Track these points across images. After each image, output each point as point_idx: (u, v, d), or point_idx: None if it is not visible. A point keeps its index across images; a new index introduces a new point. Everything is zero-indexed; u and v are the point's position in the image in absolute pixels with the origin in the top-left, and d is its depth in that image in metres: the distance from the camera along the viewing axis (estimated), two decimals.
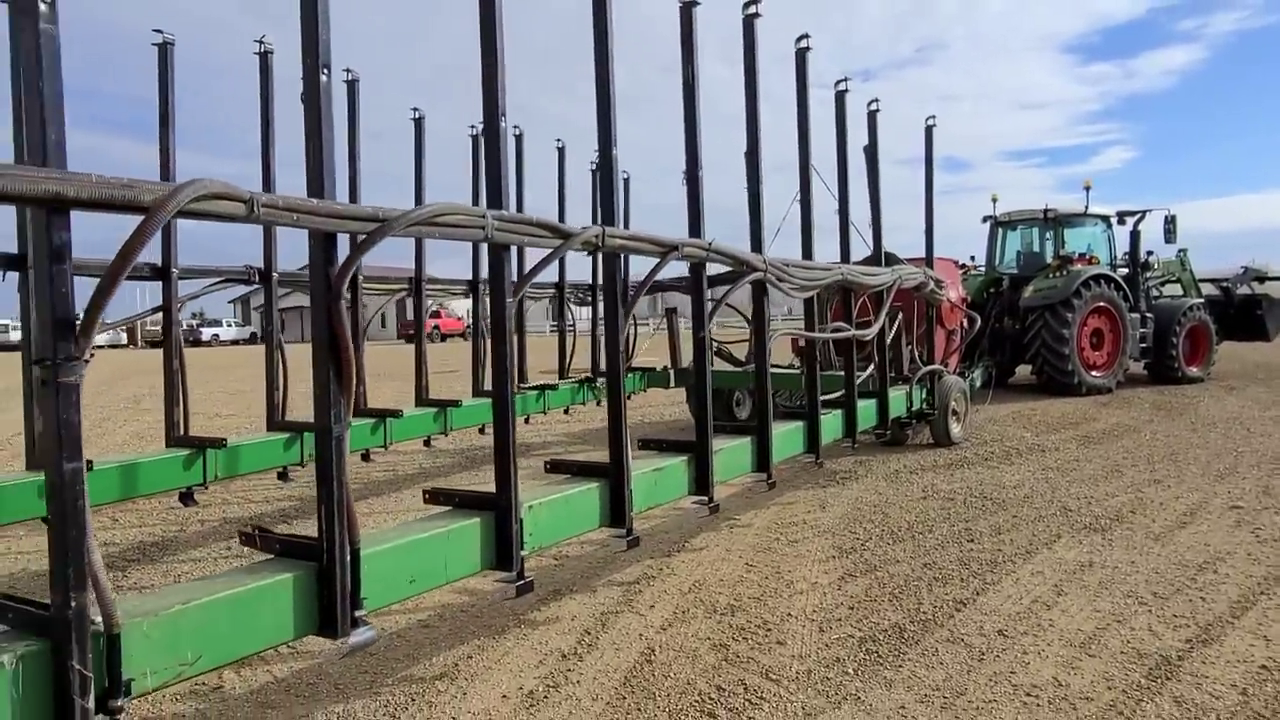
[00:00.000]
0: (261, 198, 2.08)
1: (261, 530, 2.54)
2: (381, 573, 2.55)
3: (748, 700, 3.17)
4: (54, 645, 1.83)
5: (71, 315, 1.82)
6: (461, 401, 6.87)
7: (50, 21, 1.79)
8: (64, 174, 1.76)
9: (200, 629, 2.13)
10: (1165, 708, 3.02)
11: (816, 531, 5.48)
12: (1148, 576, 4.43)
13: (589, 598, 4.35)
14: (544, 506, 3.23)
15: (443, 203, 2.56)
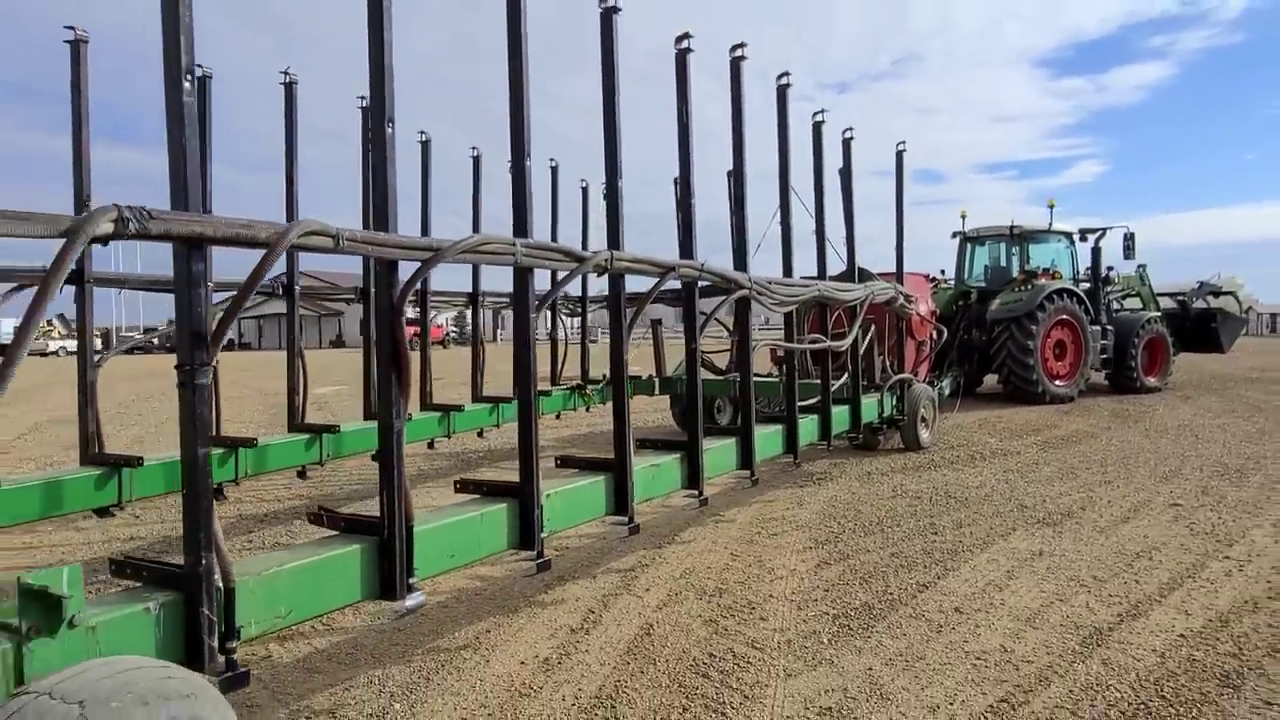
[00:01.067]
0: (345, 233, 2.53)
1: (327, 511, 2.99)
2: (429, 547, 3.00)
3: (736, 664, 3.64)
4: (186, 597, 2.27)
5: (205, 329, 2.26)
6: (464, 406, 7.28)
7: (190, 95, 2.24)
8: (204, 217, 2.21)
9: (290, 589, 2.57)
10: (1094, 668, 3.53)
11: (795, 526, 5.97)
12: (1090, 563, 4.95)
13: (590, 583, 4.80)
14: (559, 496, 3.70)
15: (483, 234, 3.03)
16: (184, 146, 2.22)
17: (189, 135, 2.23)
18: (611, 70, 3.91)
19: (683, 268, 4.23)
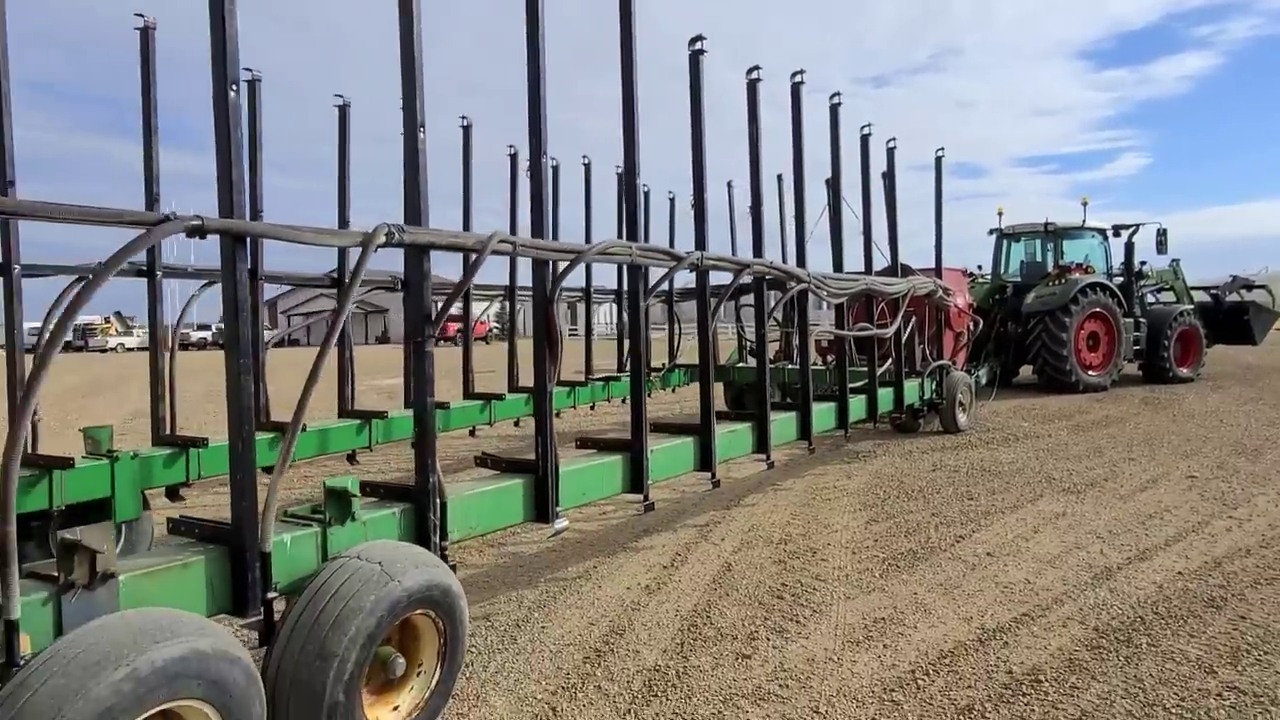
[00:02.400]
0: (519, 240, 3.38)
1: (490, 455, 3.85)
2: (569, 485, 3.85)
3: (804, 590, 4.44)
4: (417, 508, 3.13)
5: (429, 310, 3.11)
6: (504, 395, 7.71)
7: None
8: (433, 230, 3.06)
9: (479, 508, 3.43)
10: (1102, 594, 4.28)
11: (845, 493, 6.75)
12: (1107, 522, 5.68)
13: (672, 534, 5.63)
14: (659, 452, 4.52)
15: (610, 240, 3.87)
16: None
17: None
18: (699, 105, 4.72)
19: (756, 265, 5.04)
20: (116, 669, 1.98)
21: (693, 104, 4.72)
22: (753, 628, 3.94)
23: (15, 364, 4.07)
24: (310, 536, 2.78)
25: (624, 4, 4.15)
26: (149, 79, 4.90)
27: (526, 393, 7.73)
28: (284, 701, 2.43)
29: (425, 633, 2.87)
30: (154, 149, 4.89)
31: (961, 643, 3.71)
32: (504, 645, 3.78)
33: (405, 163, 3.10)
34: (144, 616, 2.18)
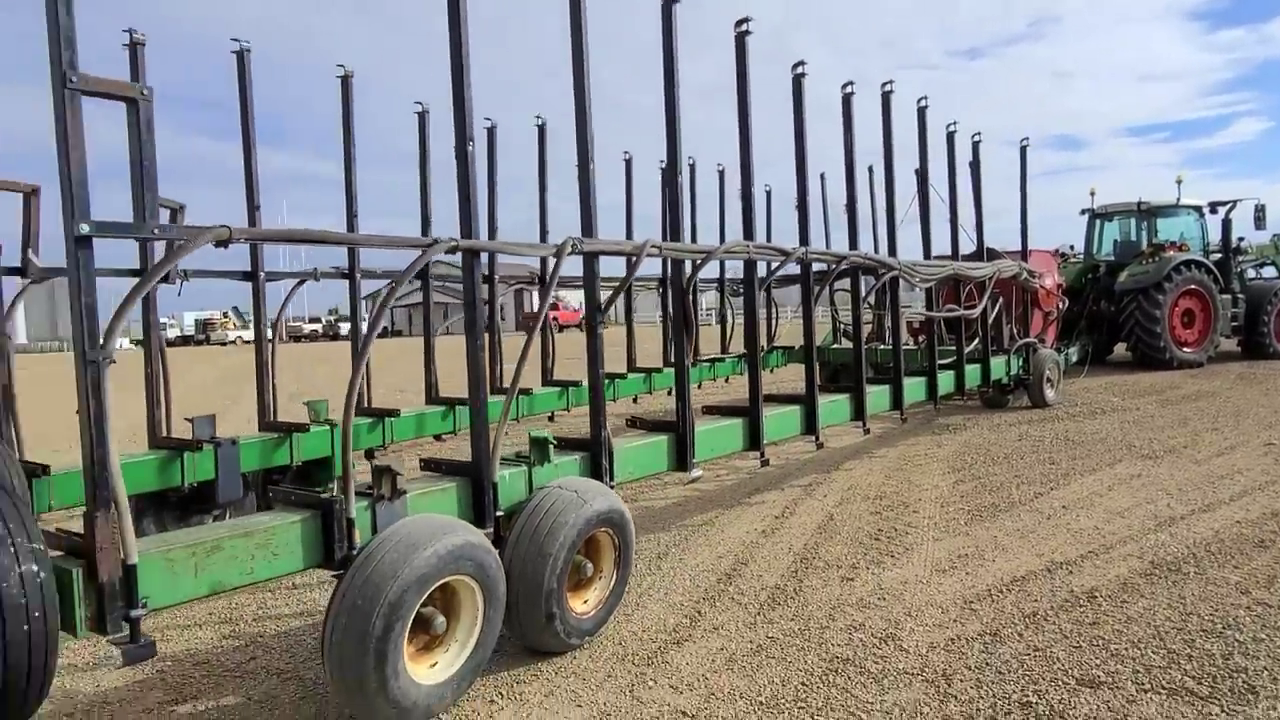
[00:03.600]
0: (664, 245, 4.26)
1: (639, 418, 4.76)
2: (702, 442, 4.72)
3: (897, 534, 5.23)
4: (593, 455, 4.06)
5: (599, 301, 4.02)
6: (581, 382, 8.06)
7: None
8: (600, 240, 3.96)
9: (634, 458, 4.34)
10: (1162, 537, 4.93)
11: (934, 460, 7.46)
12: (1179, 482, 6.25)
13: (780, 493, 6.46)
14: (773, 418, 5.36)
15: (732, 241, 4.72)
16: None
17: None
18: (801, 128, 5.51)
19: (852, 256, 5.82)
20: (426, 549, 2.95)
21: (796, 125, 5.51)
22: (854, 560, 4.76)
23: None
24: (521, 473, 3.73)
25: (739, 38, 4.97)
26: (246, 97, 5.60)
27: (644, 372, 8.67)
28: (515, 585, 3.38)
29: (605, 547, 3.80)
30: (253, 162, 5.59)
31: (1032, 571, 4.45)
32: (651, 571, 4.70)
33: (580, 190, 4.01)
34: (432, 519, 3.15)
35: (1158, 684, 3.15)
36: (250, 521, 3.01)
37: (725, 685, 3.29)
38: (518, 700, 3.25)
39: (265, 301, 5.60)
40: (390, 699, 2.86)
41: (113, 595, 2.46)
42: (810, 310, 5.60)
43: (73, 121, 2.34)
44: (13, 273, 4.35)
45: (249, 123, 5.42)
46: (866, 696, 3.16)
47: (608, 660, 3.57)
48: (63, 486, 4.39)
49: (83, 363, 2.39)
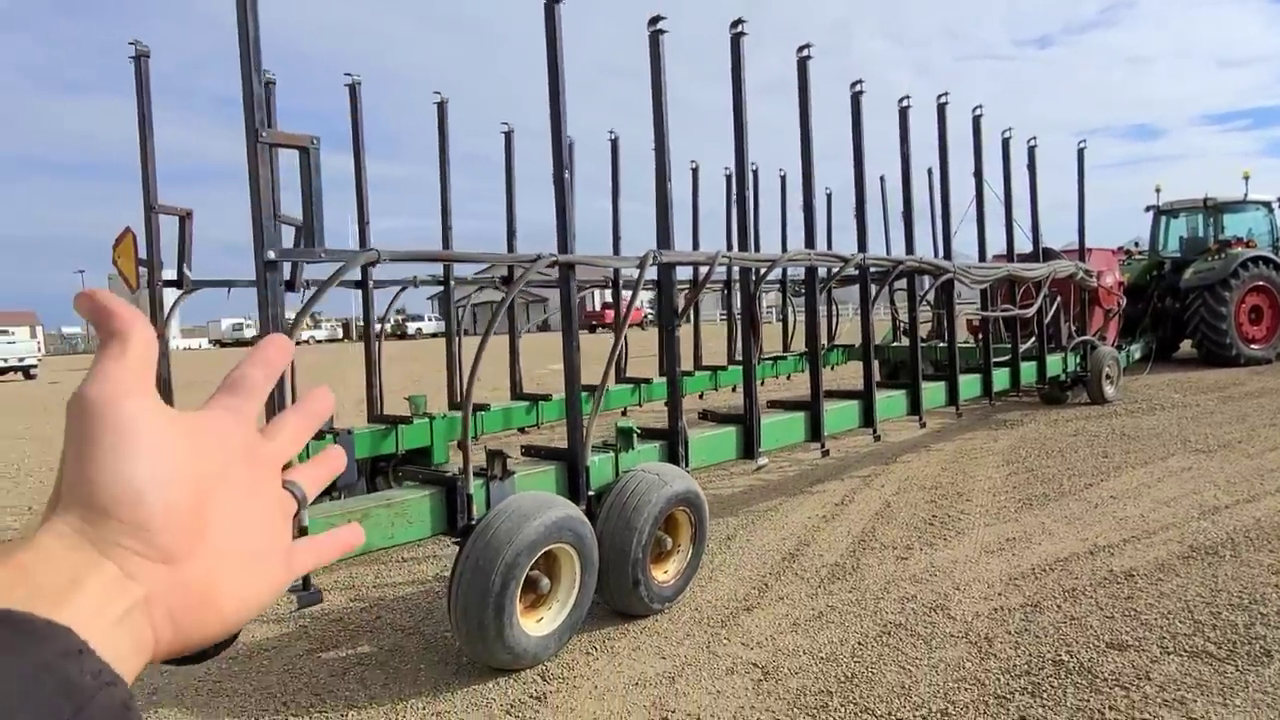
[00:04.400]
0: (734, 255, 4.73)
1: (710, 411, 5.24)
2: (767, 433, 5.19)
3: (950, 520, 5.62)
4: (670, 443, 4.56)
5: (675, 305, 4.52)
6: (652, 379, 8.57)
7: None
8: (677, 252, 4.46)
9: (706, 446, 4.82)
10: (1204, 525, 5.24)
11: (990, 453, 7.78)
12: (1229, 475, 6.50)
13: (839, 483, 6.88)
14: (833, 412, 5.79)
15: (795, 250, 5.17)
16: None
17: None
18: (859, 143, 5.92)
19: (908, 261, 6.21)
20: (536, 519, 3.48)
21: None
22: (909, 542, 5.18)
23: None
24: (609, 458, 4.25)
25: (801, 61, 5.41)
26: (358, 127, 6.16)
27: (710, 370, 9.15)
28: (606, 554, 3.90)
29: (682, 524, 4.30)
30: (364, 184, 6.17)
31: (1075, 553, 4.82)
32: (721, 550, 5.18)
33: (657, 208, 4.51)
34: (537, 496, 3.69)
35: (1181, 648, 3.53)
36: (390, 495, 3.58)
37: (790, 644, 3.76)
38: (610, 653, 3.77)
39: (374, 307, 6.25)
40: (506, 645, 3.40)
41: None
42: (868, 311, 6.01)
43: (263, 169, 2.92)
44: (170, 285, 5.03)
45: (360, 149, 6.05)
46: (916, 654, 3.60)
47: (686, 623, 4.06)
48: None
49: None
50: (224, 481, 0.48)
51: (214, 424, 0.50)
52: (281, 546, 0.53)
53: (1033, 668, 3.41)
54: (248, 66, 2.90)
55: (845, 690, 3.31)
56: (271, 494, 0.53)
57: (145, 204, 4.72)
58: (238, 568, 0.48)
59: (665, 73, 4.41)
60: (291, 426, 0.57)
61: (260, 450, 0.53)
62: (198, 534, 0.45)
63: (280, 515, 0.53)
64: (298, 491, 0.56)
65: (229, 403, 0.52)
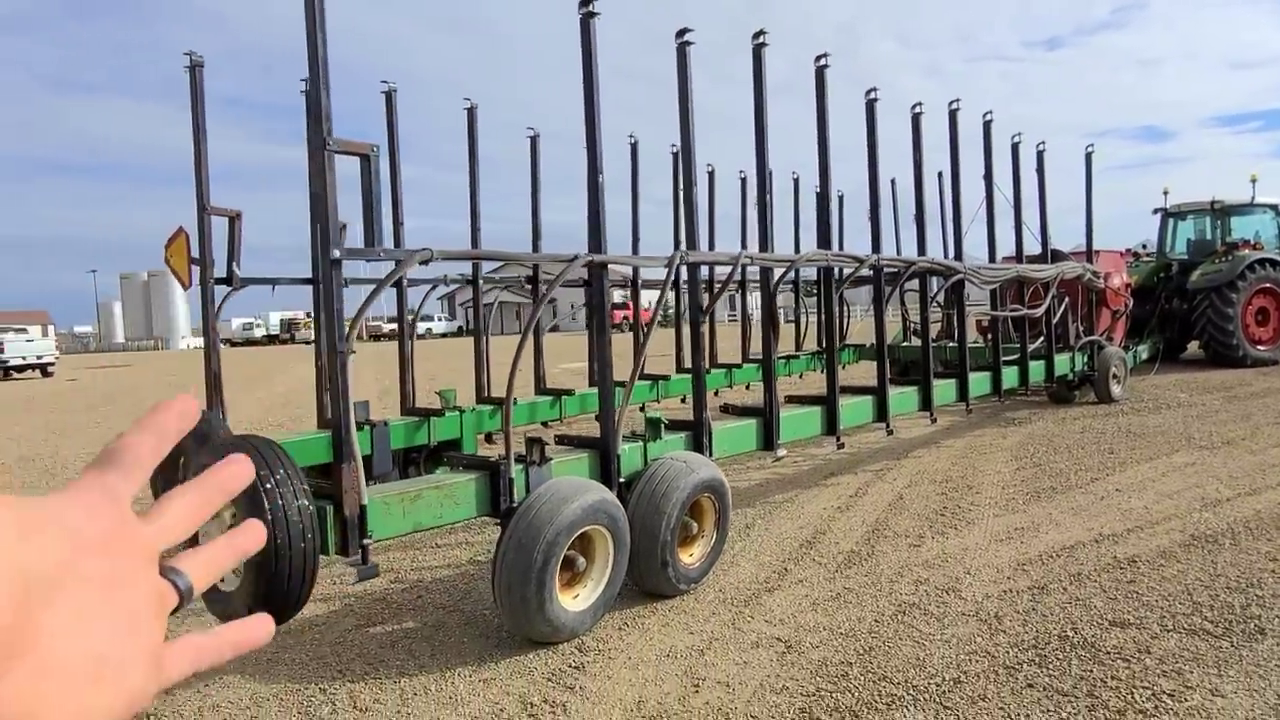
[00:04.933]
0: (755, 255, 4.97)
1: (731, 405, 5.48)
2: (786, 426, 5.42)
3: (961, 511, 5.84)
4: (695, 434, 4.80)
5: (701, 303, 4.76)
6: (670, 376, 8.96)
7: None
8: (702, 253, 4.69)
9: (727, 439, 5.06)
10: (1205, 516, 5.45)
11: (999, 449, 8.00)
12: (1231, 470, 6.70)
13: (853, 476, 7.11)
14: (847, 407, 6.02)
15: (812, 250, 5.40)
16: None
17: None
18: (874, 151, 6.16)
19: (920, 262, 6.44)
20: (573, 502, 3.72)
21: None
22: (921, 531, 5.41)
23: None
24: (638, 447, 4.49)
25: (820, 70, 5.65)
26: (393, 132, 6.41)
27: (725, 368, 9.40)
28: (637, 536, 4.14)
29: (707, 510, 4.54)
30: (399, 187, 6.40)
31: (1080, 541, 5.04)
32: (742, 538, 5.41)
33: (685, 211, 4.74)
34: (574, 481, 3.93)
35: (1179, 626, 3.75)
36: (440, 478, 3.83)
37: (810, 621, 4.00)
38: (641, 629, 4.01)
39: (406, 305, 6.51)
40: (546, 618, 3.65)
41: (352, 527, 3.29)
42: (881, 310, 6.24)
43: (330, 175, 3.17)
44: (221, 282, 5.28)
45: (395, 153, 6.31)
46: (929, 630, 3.83)
47: (711, 602, 4.30)
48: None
49: (333, 353, 3.22)
50: (68, 580, 0.42)
51: (62, 510, 0.43)
52: (146, 649, 0.46)
53: (1040, 642, 3.64)
54: (316, 83, 3.15)
55: (864, 661, 3.54)
56: (139, 587, 0.46)
57: (198, 205, 4.99)
58: (76, 681, 0.41)
59: (691, 83, 4.65)
60: (183, 504, 0.50)
61: (131, 536, 0.46)
62: (17, 650, 0.39)
63: (150, 612, 0.46)
64: (181, 582, 0.49)
65: (98, 479, 0.46)
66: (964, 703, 3.15)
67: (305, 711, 3.34)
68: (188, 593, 0.50)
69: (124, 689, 0.44)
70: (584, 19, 4.16)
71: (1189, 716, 2.98)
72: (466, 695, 3.40)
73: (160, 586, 0.48)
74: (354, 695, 3.45)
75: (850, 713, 3.12)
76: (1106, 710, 3.04)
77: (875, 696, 3.24)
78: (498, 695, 3.39)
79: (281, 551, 3.03)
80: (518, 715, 3.22)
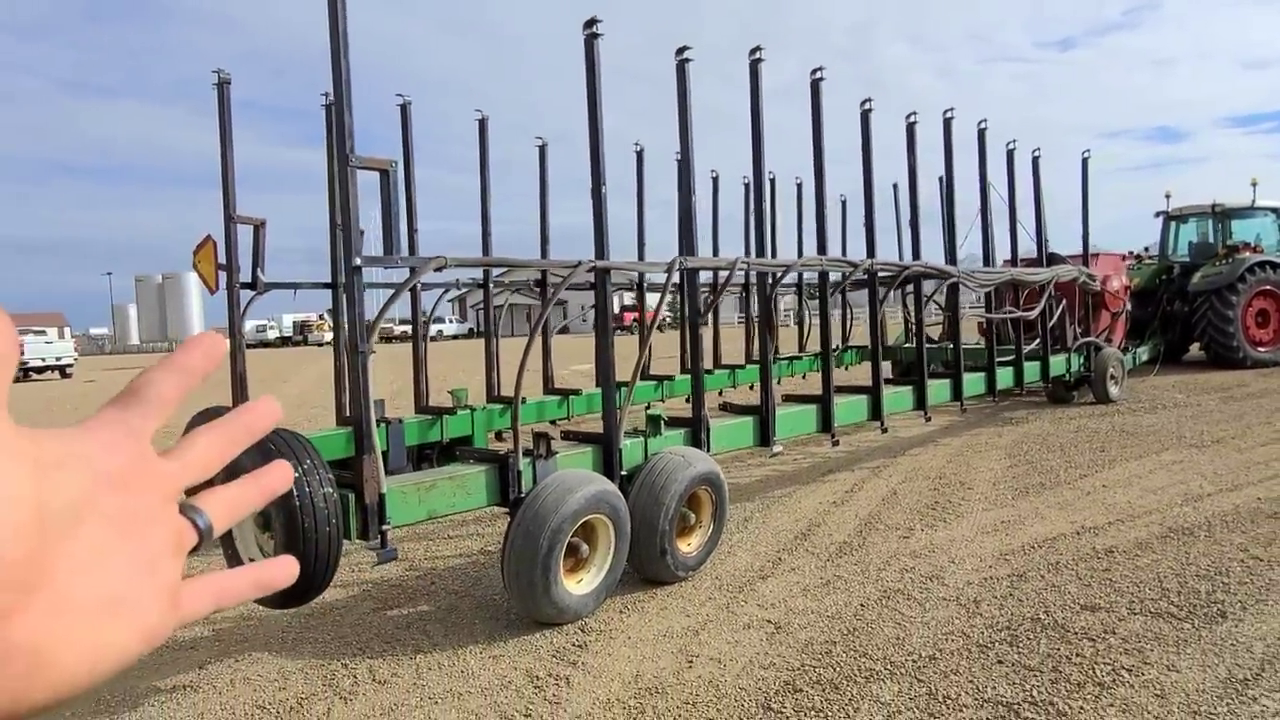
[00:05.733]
0: (752, 261, 5.23)
1: (730, 403, 5.74)
2: (782, 423, 5.68)
3: (951, 505, 6.08)
4: (694, 430, 5.06)
5: (700, 306, 5.02)
6: (674, 376, 9.03)
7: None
8: (700, 259, 4.96)
9: (725, 435, 5.32)
10: (1185, 510, 5.68)
11: (994, 447, 8.23)
12: (1216, 467, 6.92)
13: (851, 473, 7.35)
14: (842, 405, 6.27)
15: (809, 256, 5.66)
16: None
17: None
18: (869, 161, 6.41)
19: (914, 266, 6.69)
20: (577, 492, 3.99)
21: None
22: (911, 524, 5.65)
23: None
24: (639, 442, 4.76)
25: (815, 83, 5.90)
26: (408, 143, 6.69)
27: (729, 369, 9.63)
28: (637, 526, 4.41)
29: (704, 502, 4.80)
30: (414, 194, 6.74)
31: (1062, 533, 5.28)
32: (739, 530, 5.67)
33: (680, 218, 5.01)
34: (578, 473, 4.20)
35: (1146, 610, 4.00)
36: (452, 469, 4.11)
37: (800, 605, 4.26)
38: (641, 611, 4.27)
39: (420, 308, 6.80)
40: (551, 600, 3.92)
41: (373, 514, 3.57)
42: (876, 312, 6.50)
43: (352, 188, 3.45)
44: (246, 287, 5.57)
45: (410, 163, 6.61)
46: (911, 613, 4.08)
47: (708, 588, 4.57)
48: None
49: (355, 353, 3.50)
50: (85, 515, 0.41)
51: (81, 445, 0.43)
52: (163, 587, 0.45)
53: (1013, 624, 3.89)
54: (340, 102, 3.43)
55: (847, 640, 3.80)
56: (157, 525, 0.46)
57: (225, 214, 5.29)
58: (91, 617, 0.41)
59: (690, 96, 4.92)
60: (206, 442, 0.50)
61: (151, 472, 0.46)
62: (33, 585, 0.38)
63: (168, 550, 0.46)
64: (201, 521, 0.49)
65: (118, 415, 0.46)
66: (937, 676, 3.40)
67: (329, 683, 3.62)
68: (207, 532, 0.49)
69: (139, 626, 0.44)
70: (588, 39, 4.43)
71: (1144, 689, 3.23)
72: (477, 670, 3.68)
73: (179, 525, 0.47)
74: (373, 669, 3.73)
75: (831, 685, 3.38)
76: (1068, 683, 3.29)
77: (855, 671, 3.50)
78: (506, 670, 3.66)
79: (308, 535, 3.31)
80: (524, 687, 3.49)
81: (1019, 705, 3.14)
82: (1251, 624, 3.77)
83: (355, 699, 3.47)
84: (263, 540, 3.55)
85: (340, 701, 3.46)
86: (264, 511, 3.53)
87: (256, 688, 3.63)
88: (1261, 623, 3.77)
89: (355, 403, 3.54)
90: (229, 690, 3.63)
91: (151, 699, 3.59)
